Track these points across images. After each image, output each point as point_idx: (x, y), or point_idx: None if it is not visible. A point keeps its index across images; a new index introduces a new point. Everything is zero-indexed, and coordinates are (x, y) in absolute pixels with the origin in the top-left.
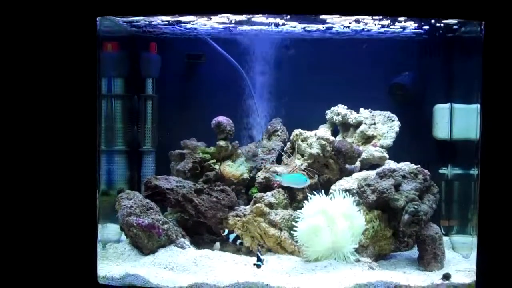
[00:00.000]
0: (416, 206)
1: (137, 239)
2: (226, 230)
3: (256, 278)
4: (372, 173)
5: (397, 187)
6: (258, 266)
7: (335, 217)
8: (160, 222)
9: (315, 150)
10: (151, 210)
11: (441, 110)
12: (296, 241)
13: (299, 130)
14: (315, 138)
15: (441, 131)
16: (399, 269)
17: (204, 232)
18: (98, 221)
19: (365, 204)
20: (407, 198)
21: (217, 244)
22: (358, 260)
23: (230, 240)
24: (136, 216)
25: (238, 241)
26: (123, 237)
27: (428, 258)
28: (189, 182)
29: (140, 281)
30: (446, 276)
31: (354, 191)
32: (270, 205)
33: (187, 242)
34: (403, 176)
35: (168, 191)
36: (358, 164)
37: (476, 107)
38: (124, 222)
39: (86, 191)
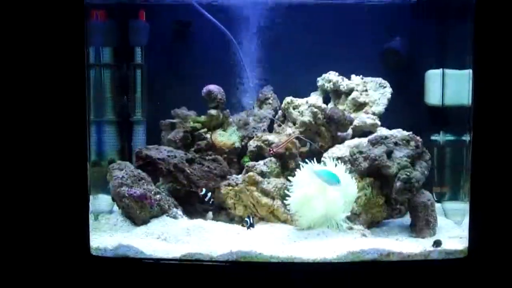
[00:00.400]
0: (408, 173)
1: (129, 209)
2: (204, 190)
3: (249, 247)
4: (364, 140)
5: (389, 154)
6: (248, 228)
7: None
8: (152, 192)
9: (306, 118)
10: (143, 181)
11: (433, 76)
12: (289, 210)
13: (290, 97)
14: (307, 105)
15: (432, 97)
16: (392, 236)
17: (196, 202)
18: (89, 192)
19: (357, 172)
20: (399, 165)
21: (210, 214)
22: (350, 228)
23: (207, 198)
24: (127, 186)
25: (211, 200)
26: (115, 208)
27: (421, 225)
28: (180, 152)
29: (134, 251)
30: (437, 243)
31: (346, 158)
32: (262, 174)
33: (180, 212)
34: (395, 143)
35: (159, 161)
36: (350, 131)
37: (468, 72)
38: (116, 193)
39: (76, 162)
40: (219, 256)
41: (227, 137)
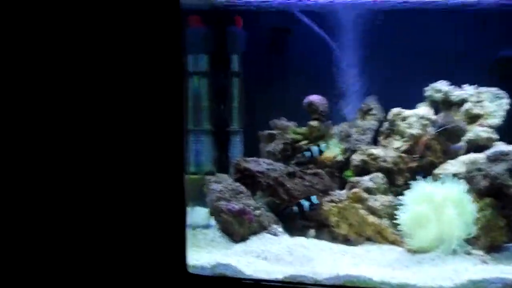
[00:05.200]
0: None
1: (228, 225)
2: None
3: (358, 271)
4: (480, 156)
5: (510, 172)
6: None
7: (442, 204)
8: (251, 207)
9: (415, 130)
10: (241, 195)
11: None
12: (399, 230)
13: (398, 108)
14: (416, 117)
15: None
16: None
17: (296, 218)
18: (187, 205)
19: (475, 191)
20: None
21: (312, 231)
22: (469, 253)
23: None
24: (226, 200)
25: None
26: (212, 221)
27: None
28: (280, 165)
29: (232, 270)
30: None
31: (461, 176)
32: (368, 190)
33: (280, 229)
34: None
35: (258, 174)
36: (463, 145)
37: None
38: (214, 207)
39: (173, 173)
40: (325, 279)
41: (329, 150)
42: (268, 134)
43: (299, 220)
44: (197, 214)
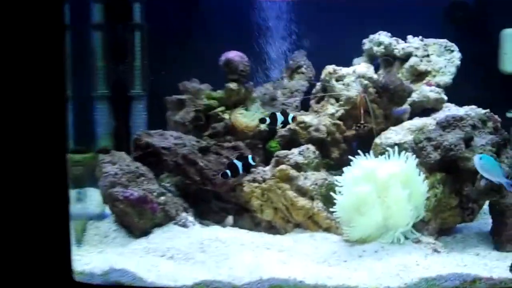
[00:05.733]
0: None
1: (125, 216)
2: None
3: (285, 271)
4: (429, 122)
5: (467, 141)
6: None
7: (387, 183)
8: (155, 194)
9: (354, 92)
10: (142, 178)
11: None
12: (334, 215)
13: (333, 66)
14: (354, 76)
15: (510, 63)
16: (470, 249)
17: (211, 198)
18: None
19: (424, 165)
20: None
21: (230, 219)
22: (418, 241)
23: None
24: (122, 186)
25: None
26: (108, 210)
27: (508, 234)
28: (191, 138)
29: (129, 277)
30: None
31: (407, 146)
32: (298, 166)
33: (191, 218)
34: (473, 126)
35: (164, 151)
36: (407, 107)
37: None
38: (107, 195)
39: (53, 153)
40: (245, 285)
41: (250, 117)
42: (176, 100)
43: (215, 202)
44: (89, 202)
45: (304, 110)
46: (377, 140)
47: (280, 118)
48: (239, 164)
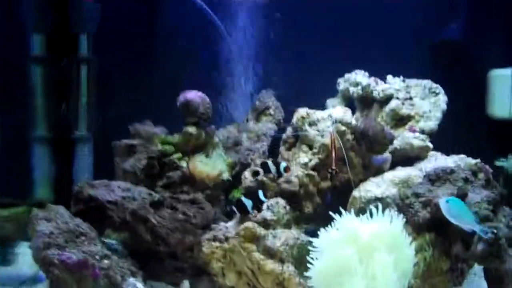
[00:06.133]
0: (495, 230)
1: (61, 284)
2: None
3: None
4: (414, 173)
5: (462, 198)
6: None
7: (370, 247)
8: (97, 256)
9: (329, 139)
10: (83, 238)
11: (500, 78)
12: (309, 283)
13: (306, 109)
14: (330, 121)
15: (498, 107)
16: None
17: (165, 256)
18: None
19: (411, 224)
20: (478, 216)
21: (186, 284)
22: None
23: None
24: (59, 248)
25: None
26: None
27: None
28: (142, 190)
29: None
30: None
31: (390, 200)
32: (266, 223)
33: (139, 285)
34: (466, 179)
35: (109, 206)
36: (388, 156)
37: None
38: (41, 258)
39: None
40: None
41: (211, 165)
42: (126, 145)
43: (169, 261)
44: (21, 262)
45: (273, 157)
46: (355, 193)
47: (272, 168)
48: (248, 202)
